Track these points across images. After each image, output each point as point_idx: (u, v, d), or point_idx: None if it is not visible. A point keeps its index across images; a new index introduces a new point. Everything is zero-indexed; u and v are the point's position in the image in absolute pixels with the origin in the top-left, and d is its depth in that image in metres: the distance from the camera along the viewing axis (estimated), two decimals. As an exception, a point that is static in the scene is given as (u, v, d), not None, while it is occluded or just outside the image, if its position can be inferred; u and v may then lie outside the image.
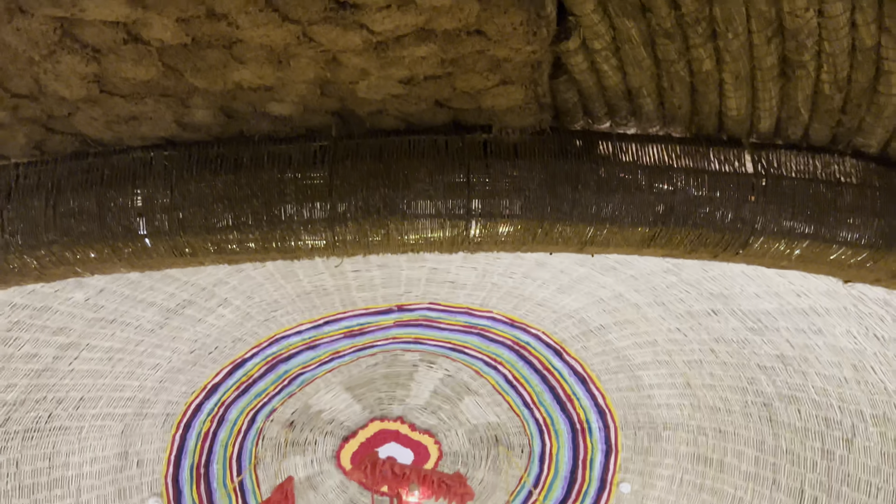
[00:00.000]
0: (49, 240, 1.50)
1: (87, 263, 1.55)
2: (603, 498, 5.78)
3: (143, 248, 1.54)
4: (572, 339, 5.13)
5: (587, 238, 1.61)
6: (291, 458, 5.75)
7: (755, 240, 1.64)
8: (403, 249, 1.65)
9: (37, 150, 1.54)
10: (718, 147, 1.67)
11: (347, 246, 1.59)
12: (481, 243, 1.63)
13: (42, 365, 4.26)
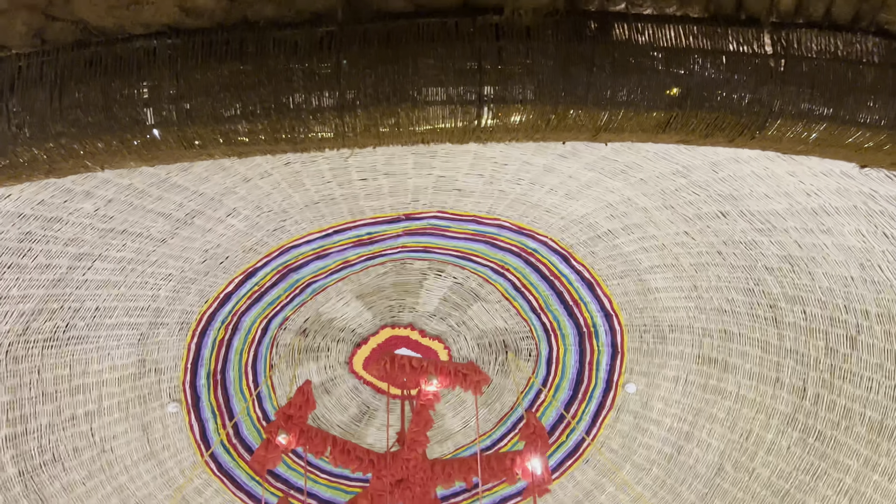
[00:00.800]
0: (56, 132, 1.48)
1: (97, 156, 1.54)
2: (609, 398, 5.93)
3: (151, 140, 1.52)
4: (580, 244, 5.14)
5: (601, 124, 1.58)
6: (305, 364, 5.89)
7: (772, 123, 1.61)
8: (414, 139, 1.63)
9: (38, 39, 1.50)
10: (737, 27, 1.62)
11: (357, 136, 1.57)
12: (494, 132, 1.60)
13: (56, 275, 4.31)
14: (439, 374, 4.84)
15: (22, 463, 5.20)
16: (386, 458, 5.03)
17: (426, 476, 4.96)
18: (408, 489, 5.13)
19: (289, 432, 4.82)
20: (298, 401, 4.96)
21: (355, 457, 5.04)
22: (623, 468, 6.14)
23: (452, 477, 5.02)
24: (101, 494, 5.65)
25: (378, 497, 5.17)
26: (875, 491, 5.07)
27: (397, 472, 5.10)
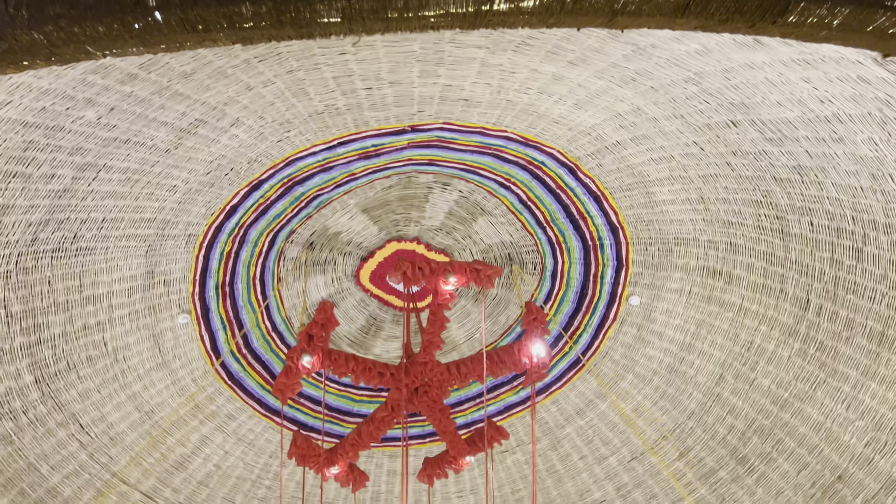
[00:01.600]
0: (55, 13, 1.44)
1: (98, 41, 1.49)
2: (612, 310, 6.00)
3: (153, 24, 1.48)
4: (587, 156, 5.09)
5: (619, 6, 1.53)
6: (313, 277, 5.94)
7: (795, 6, 1.55)
8: (423, 25, 1.58)
9: (33, -84, 1.44)
10: None
11: (364, 20, 1.52)
12: (506, 16, 1.55)
13: (61, 185, 4.30)
14: (456, 272, 4.91)
15: (37, 371, 5.33)
16: (404, 368, 5.14)
17: (443, 378, 5.09)
18: (425, 394, 5.27)
19: (312, 354, 4.90)
20: (320, 320, 5.02)
21: (376, 373, 5.15)
22: (625, 378, 6.27)
23: (468, 375, 5.15)
24: (116, 402, 5.81)
25: (398, 407, 5.31)
26: (872, 398, 5.19)
27: (416, 378, 5.22)
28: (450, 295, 5.19)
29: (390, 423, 5.43)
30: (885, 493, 5.34)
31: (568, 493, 6.75)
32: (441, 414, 5.52)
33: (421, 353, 5.29)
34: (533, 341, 5.11)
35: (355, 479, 5.53)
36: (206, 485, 6.49)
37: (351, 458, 5.41)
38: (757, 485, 5.98)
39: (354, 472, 5.53)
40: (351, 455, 5.39)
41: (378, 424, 5.44)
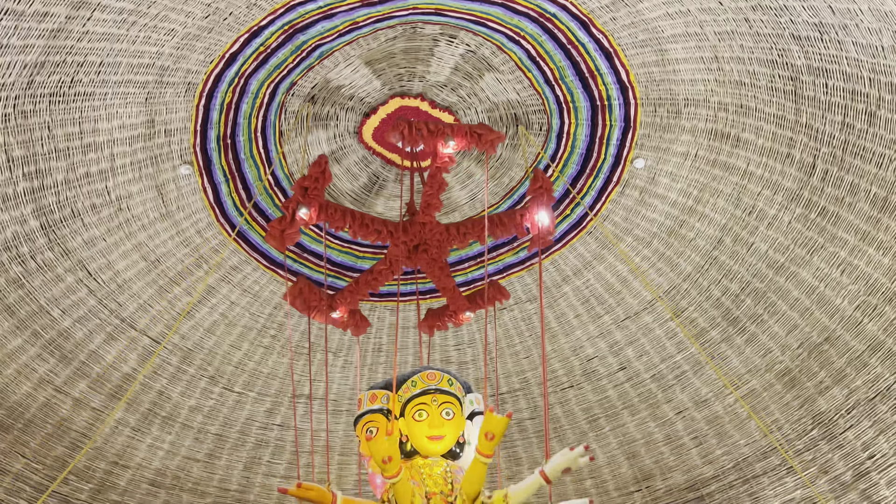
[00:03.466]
0: None
1: None
2: (616, 173, 5.98)
3: None
4: (601, 9, 4.88)
5: None
6: (314, 132, 5.86)
7: None
8: None
9: None
10: None
11: None
12: None
13: (56, 25, 4.17)
14: (457, 136, 4.84)
15: (43, 217, 5.37)
16: (402, 226, 5.16)
17: (442, 238, 5.14)
18: (424, 252, 5.34)
19: (308, 206, 4.89)
20: (314, 173, 4.99)
21: (374, 229, 5.17)
22: (624, 241, 6.34)
23: (468, 236, 5.20)
24: (123, 250, 5.90)
25: (396, 262, 5.39)
26: (868, 263, 5.28)
27: (414, 237, 5.27)
28: (449, 158, 5.13)
29: (388, 277, 5.53)
30: (869, 354, 5.54)
31: (562, 349, 7.00)
32: (440, 272, 5.63)
33: (419, 213, 5.30)
34: (538, 209, 5.10)
35: (356, 324, 5.68)
36: (213, 332, 6.72)
37: (350, 305, 5.53)
38: (746, 345, 6.20)
39: (356, 317, 5.67)
40: (350, 302, 5.51)
41: (376, 276, 5.55)
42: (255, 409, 7.07)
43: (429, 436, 3.83)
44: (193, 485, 6.87)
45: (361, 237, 5.27)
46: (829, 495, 5.84)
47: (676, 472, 6.69)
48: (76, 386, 6.23)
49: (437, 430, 3.83)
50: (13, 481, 5.98)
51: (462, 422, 4.01)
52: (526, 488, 3.58)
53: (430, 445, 3.83)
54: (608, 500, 6.96)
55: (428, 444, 3.83)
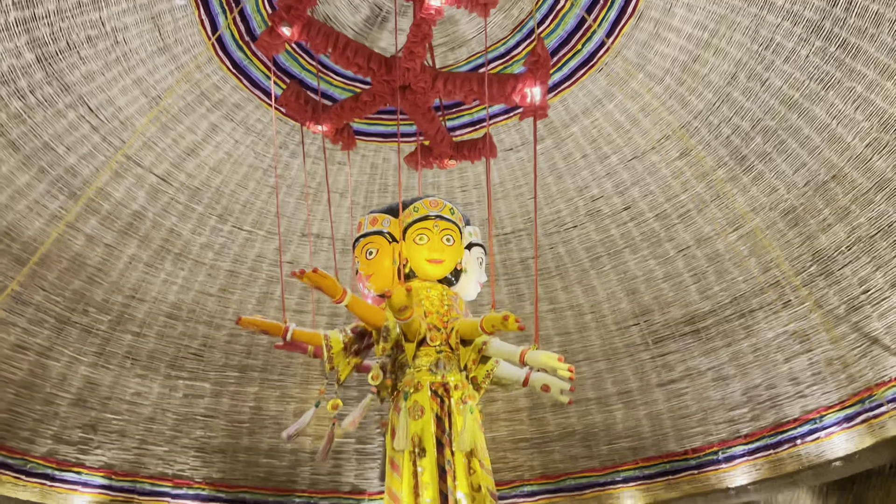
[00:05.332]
0: None
1: None
2: (630, 5, 5.70)
3: None
4: None
5: None
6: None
7: None
8: None
9: None
10: None
11: None
12: None
13: None
14: (445, -13, 4.49)
15: (37, 50, 5.22)
16: (387, 63, 4.94)
17: (427, 86, 4.95)
18: (411, 93, 5.16)
19: (292, 24, 4.67)
20: (299, -8, 4.70)
21: (354, 61, 4.92)
22: (636, 77, 6.16)
23: (453, 93, 4.98)
24: (122, 85, 5.78)
25: (380, 98, 5.21)
26: (884, 100, 5.16)
27: (398, 78, 5.07)
28: (435, 10, 4.81)
29: (371, 109, 5.29)
30: (875, 192, 5.54)
31: (567, 190, 7.02)
32: (422, 117, 5.39)
33: (403, 58, 5.05)
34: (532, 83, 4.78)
35: (345, 140, 5.51)
36: (218, 171, 6.72)
37: (334, 123, 5.34)
38: (752, 183, 6.19)
39: (345, 133, 5.50)
40: (334, 120, 5.33)
41: (360, 105, 5.29)
42: (264, 247, 7.20)
43: (428, 259, 3.93)
44: (209, 318, 7.15)
45: (342, 66, 5.03)
46: (821, 328, 6.06)
47: (674, 308, 6.91)
48: (87, 222, 6.32)
49: (437, 254, 3.93)
50: (35, 312, 6.22)
51: (461, 250, 4.09)
52: (503, 350, 3.68)
53: (430, 268, 3.93)
54: (606, 334, 7.24)
55: (427, 266, 3.93)
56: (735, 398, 6.65)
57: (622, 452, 7.18)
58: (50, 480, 6.31)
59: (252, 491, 7.25)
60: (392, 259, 4.01)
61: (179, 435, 7.06)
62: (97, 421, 6.67)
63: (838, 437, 5.93)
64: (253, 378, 7.34)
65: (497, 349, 3.70)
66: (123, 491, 6.68)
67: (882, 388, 5.68)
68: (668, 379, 6.99)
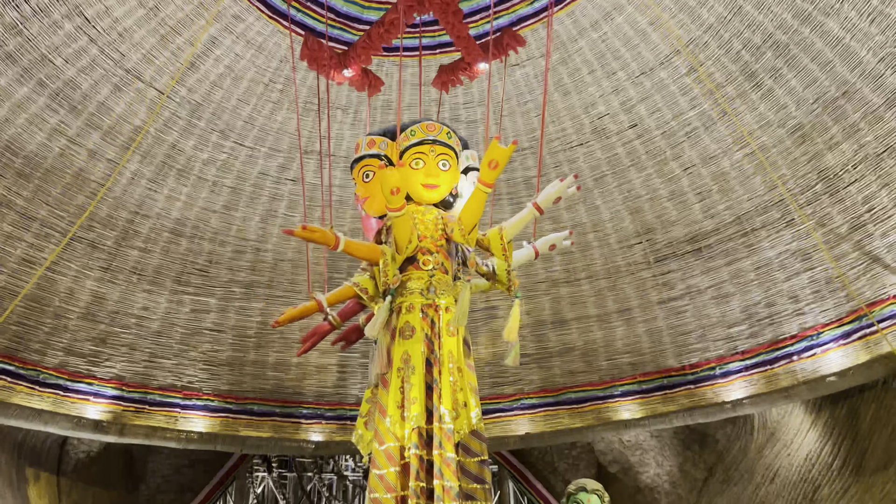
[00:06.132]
0: None
1: None
2: None
3: None
4: None
5: None
6: None
7: None
8: None
9: None
10: None
11: None
12: None
13: None
14: None
15: (30, -45, 5.06)
16: None
17: None
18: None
19: None
20: None
21: None
22: (646, -11, 5.99)
23: None
24: (119, -6, 5.63)
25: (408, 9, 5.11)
26: (900, 10, 5.00)
27: None
28: None
29: (399, 27, 5.30)
30: (885, 108, 5.46)
31: (573, 107, 6.93)
32: (454, 17, 5.36)
33: None
34: None
35: (370, 84, 5.57)
36: (219, 86, 6.63)
37: (363, 62, 5.39)
38: (761, 100, 6.09)
39: (369, 76, 5.54)
40: (363, 58, 5.36)
41: (388, 27, 5.30)
42: (267, 163, 7.18)
43: (424, 184, 3.87)
44: (213, 234, 7.18)
45: None
46: (824, 246, 6.08)
47: (678, 226, 6.92)
48: (89, 137, 6.27)
49: (433, 179, 3.87)
50: (40, 227, 6.25)
51: (457, 174, 4.03)
52: (519, 221, 3.71)
53: (425, 193, 3.88)
54: (609, 252, 7.28)
55: (423, 191, 3.88)
56: (734, 315, 6.73)
57: (621, 368, 7.33)
58: (63, 391, 6.47)
59: (260, 403, 7.44)
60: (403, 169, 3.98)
61: (187, 348, 7.20)
62: (106, 334, 6.79)
63: (834, 354, 6.03)
64: (259, 294, 7.43)
65: (512, 225, 3.72)
66: (134, 401, 6.87)
67: (880, 306, 5.74)
68: (669, 297, 7.07)
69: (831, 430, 6.46)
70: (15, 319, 6.21)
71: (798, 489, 6.66)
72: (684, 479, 7.96)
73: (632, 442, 8.17)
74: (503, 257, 3.68)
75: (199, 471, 8.43)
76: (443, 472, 3.27)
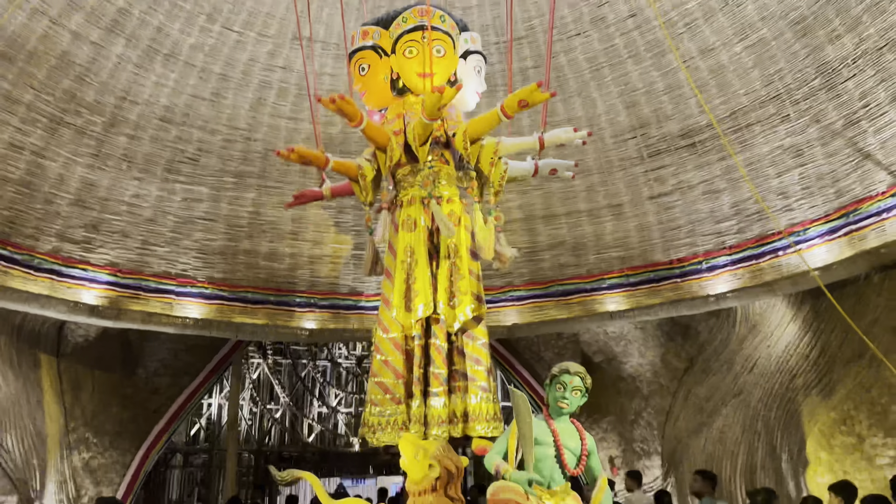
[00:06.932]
0: None
1: None
2: None
3: None
4: None
5: None
6: None
7: None
8: None
9: None
10: None
11: None
12: None
13: None
14: None
15: None
16: None
17: None
18: None
19: None
20: None
21: None
22: None
23: None
24: None
25: None
26: None
27: None
28: None
29: None
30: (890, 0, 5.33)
31: (572, -6, 6.72)
32: None
33: None
34: None
35: None
36: (205, -35, 6.37)
37: None
38: (764, -11, 5.92)
39: None
40: None
41: None
42: (256, 50, 6.99)
43: (419, 73, 3.79)
44: (203, 123, 7.08)
45: None
46: (817, 143, 6.06)
47: (673, 121, 6.86)
48: (71, 18, 6.07)
49: (428, 68, 3.79)
50: (27, 111, 6.14)
51: (454, 60, 3.90)
52: (518, 144, 3.64)
53: (420, 82, 3.77)
54: (603, 147, 7.24)
55: (418, 81, 3.80)
56: (724, 211, 6.79)
57: (609, 261, 7.45)
58: (58, 276, 6.56)
59: (254, 291, 7.58)
60: (384, 74, 3.90)
61: (180, 237, 7.25)
62: (98, 221, 6.81)
63: (819, 249, 6.13)
64: (250, 184, 7.41)
65: (511, 144, 3.69)
66: (129, 287, 6.97)
67: (868, 203, 5.79)
68: (660, 192, 7.10)
69: (811, 322, 6.66)
70: (6, 205, 6.20)
71: (775, 379, 6.93)
72: (666, 369, 8.26)
73: (616, 333, 8.41)
74: (488, 170, 3.65)
75: (195, 356, 8.67)
76: (434, 359, 3.41)
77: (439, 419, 3.33)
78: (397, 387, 3.41)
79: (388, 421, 3.37)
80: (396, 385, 3.42)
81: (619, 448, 8.48)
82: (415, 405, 3.36)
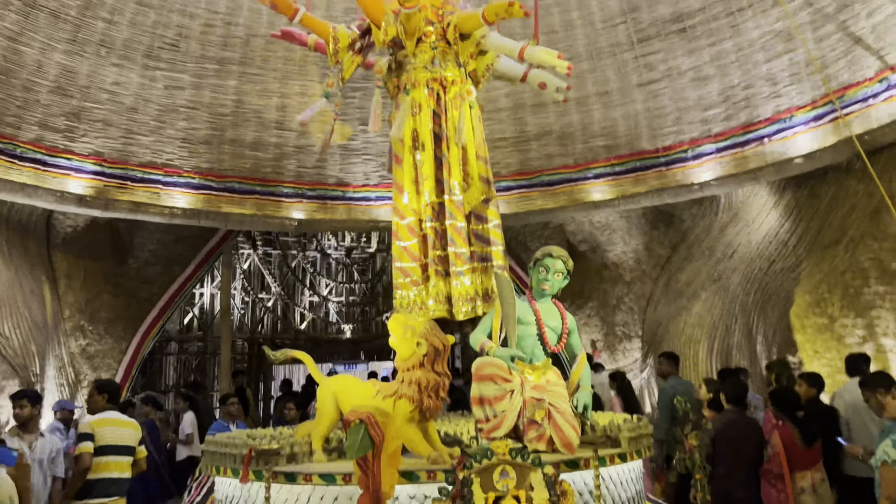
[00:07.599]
0: None
1: None
2: None
3: None
4: None
5: None
6: None
7: None
8: None
9: None
10: None
11: None
12: None
13: None
14: None
15: None
16: None
17: None
18: None
19: None
20: None
21: None
22: None
23: None
24: None
25: None
26: None
27: None
28: None
29: None
30: None
31: None
32: None
33: None
34: None
35: None
36: None
37: None
38: None
39: None
40: None
41: None
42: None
43: None
44: (181, 6, 6.83)
45: None
46: (808, 27, 5.97)
47: (663, 5, 6.70)
48: None
49: None
50: (-3, -8, 5.92)
51: None
52: (503, 46, 3.64)
53: None
54: (593, 32, 7.10)
55: None
56: (711, 98, 6.76)
57: (596, 151, 7.46)
58: (42, 165, 6.51)
59: (240, 181, 7.57)
60: None
61: (164, 125, 7.15)
62: (79, 109, 6.69)
63: (803, 136, 6.16)
64: (232, 71, 7.25)
65: (496, 43, 3.66)
66: (116, 177, 6.95)
67: (854, 88, 5.78)
68: (649, 79, 7.03)
69: (791, 209, 6.78)
70: (-17, 92, 6.08)
71: (755, 264, 7.11)
72: (649, 256, 8.44)
73: (601, 222, 8.53)
74: (468, 57, 3.64)
75: (185, 246, 8.74)
76: (455, 239, 3.49)
77: (466, 296, 3.47)
78: (415, 270, 3.53)
79: (412, 302, 3.50)
80: (414, 269, 3.54)
81: (601, 332, 8.78)
82: (430, 285, 3.48)
